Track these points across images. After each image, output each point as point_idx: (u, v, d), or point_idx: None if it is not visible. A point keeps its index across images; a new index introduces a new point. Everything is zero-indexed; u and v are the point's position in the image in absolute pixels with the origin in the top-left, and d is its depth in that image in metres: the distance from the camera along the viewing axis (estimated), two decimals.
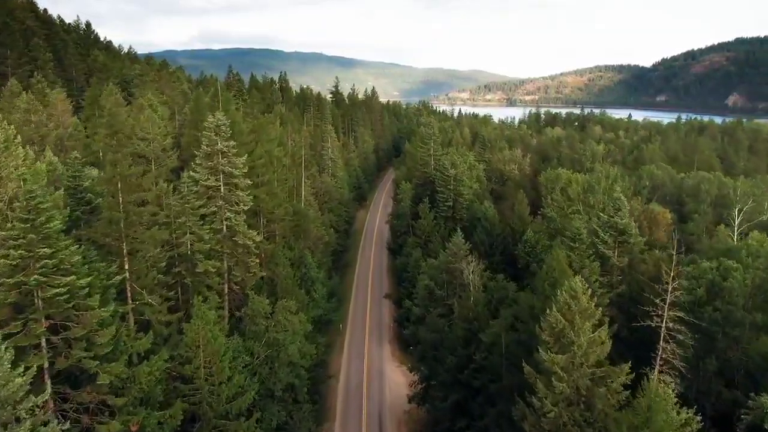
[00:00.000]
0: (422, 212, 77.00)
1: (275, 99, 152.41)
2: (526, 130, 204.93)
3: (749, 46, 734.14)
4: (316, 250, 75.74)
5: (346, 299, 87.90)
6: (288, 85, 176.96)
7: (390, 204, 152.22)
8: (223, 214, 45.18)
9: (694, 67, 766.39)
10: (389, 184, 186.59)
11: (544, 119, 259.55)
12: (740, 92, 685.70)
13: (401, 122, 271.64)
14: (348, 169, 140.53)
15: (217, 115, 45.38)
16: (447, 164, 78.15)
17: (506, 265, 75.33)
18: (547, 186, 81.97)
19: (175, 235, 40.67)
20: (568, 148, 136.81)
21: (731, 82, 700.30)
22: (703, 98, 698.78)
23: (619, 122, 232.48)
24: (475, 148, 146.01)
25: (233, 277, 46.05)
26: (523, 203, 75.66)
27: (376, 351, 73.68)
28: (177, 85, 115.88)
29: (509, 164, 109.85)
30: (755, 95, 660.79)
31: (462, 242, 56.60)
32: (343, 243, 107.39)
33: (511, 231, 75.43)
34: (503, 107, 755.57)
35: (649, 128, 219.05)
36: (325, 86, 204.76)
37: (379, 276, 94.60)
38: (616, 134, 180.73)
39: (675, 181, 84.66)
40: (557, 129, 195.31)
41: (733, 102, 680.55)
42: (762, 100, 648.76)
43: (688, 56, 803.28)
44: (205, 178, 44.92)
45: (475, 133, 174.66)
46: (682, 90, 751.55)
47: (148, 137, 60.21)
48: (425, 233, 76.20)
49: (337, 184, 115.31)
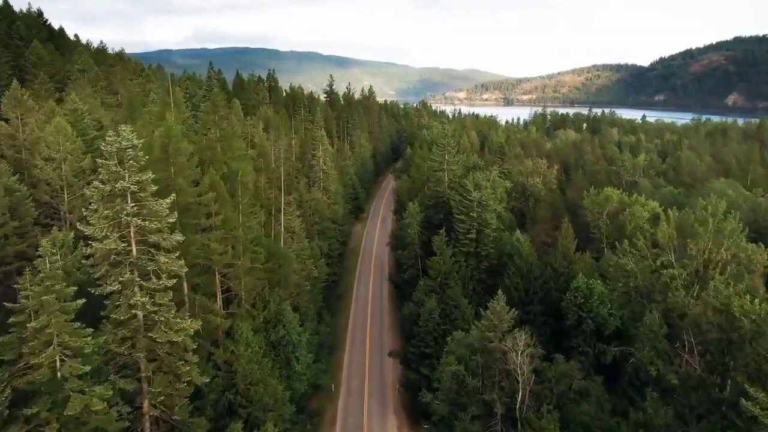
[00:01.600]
0: (437, 246, 58.68)
1: (262, 99, 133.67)
2: (535, 133, 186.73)
3: (748, 45, 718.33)
4: (300, 299, 57.67)
5: (339, 347, 69.49)
6: (277, 84, 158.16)
7: (390, 217, 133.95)
8: (132, 295, 26.83)
9: (693, 67, 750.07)
10: (388, 192, 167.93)
11: (550, 120, 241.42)
12: (739, 91, 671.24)
13: (399, 123, 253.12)
14: (343, 178, 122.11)
15: (122, 130, 26.95)
16: (469, 185, 59.62)
17: (547, 316, 57.20)
18: (594, 211, 63.85)
19: (29, 347, 22.34)
20: (591, 155, 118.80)
21: (730, 82, 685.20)
22: (702, 97, 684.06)
23: (635, 124, 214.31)
24: (485, 155, 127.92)
25: (152, 396, 27.70)
26: (568, 235, 57.48)
27: (378, 424, 55.91)
28: (142, 83, 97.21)
29: (532, 177, 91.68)
30: (754, 94, 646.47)
31: (505, 309, 38.54)
32: (336, 270, 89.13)
33: (553, 272, 57.35)
34: (500, 107, 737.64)
35: (670, 130, 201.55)
36: (320, 86, 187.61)
37: (379, 318, 76.09)
38: (636, 138, 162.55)
39: (750, 202, 66.45)
40: (570, 132, 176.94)
41: (733, 101, 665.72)
42: (761, 100, 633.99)
43: (687, 55, 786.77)
44: (100, 236, 26.54)
45: (482, 137, 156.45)
46: (681, 89, 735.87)
47: (56, 156, 41.69)
48: (441, 274, 57.95)
49: (330, 199, 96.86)
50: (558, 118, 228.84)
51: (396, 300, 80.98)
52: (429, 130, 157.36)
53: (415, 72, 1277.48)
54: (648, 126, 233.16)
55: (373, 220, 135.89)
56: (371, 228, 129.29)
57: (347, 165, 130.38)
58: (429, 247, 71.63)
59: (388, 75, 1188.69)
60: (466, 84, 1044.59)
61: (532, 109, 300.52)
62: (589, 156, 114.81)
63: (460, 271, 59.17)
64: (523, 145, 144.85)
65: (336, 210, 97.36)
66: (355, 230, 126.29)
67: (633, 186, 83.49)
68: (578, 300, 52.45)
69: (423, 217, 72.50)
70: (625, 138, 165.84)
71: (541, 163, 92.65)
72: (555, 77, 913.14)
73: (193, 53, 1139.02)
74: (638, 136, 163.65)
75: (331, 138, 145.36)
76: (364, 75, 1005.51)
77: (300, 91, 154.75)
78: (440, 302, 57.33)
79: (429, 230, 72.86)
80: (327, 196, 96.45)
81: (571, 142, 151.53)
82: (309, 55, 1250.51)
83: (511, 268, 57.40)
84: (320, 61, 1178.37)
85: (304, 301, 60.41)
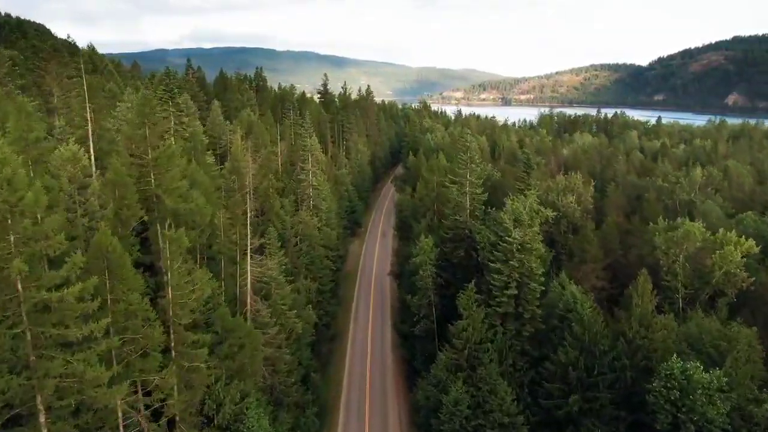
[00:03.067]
0: (464, 306, 41.95)
1: (247, 100, 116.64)
2: (545, 136, 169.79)
3: (747, 44, 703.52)
4: (275, 378, 41.02)
5: (330, 419, 52.71)
6: (266, 83, 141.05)
7: (390, 232, 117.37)
8: None
9: (692, 66, 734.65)
10: (388, 200, 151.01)
11: (557, 121, 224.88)
12: (740, 91, 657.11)
13: (399, 124, 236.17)
14: (338, 190, 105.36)
15: None
16: (506, 221, 42.67)
17: (621, 408, 40.58)
18: (668, 252, 47.22)
19: None
20: (624, 165, 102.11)
21: (730, 81, 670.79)
22: (702, 97, 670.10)
23: (650, 126, 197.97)
24: (498, 164, 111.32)
25: None
26: (646, 293, 40.83)
27: None
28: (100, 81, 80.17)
29: (565, 195, 75.00)
30: (755, 94, 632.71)
31: None
32: (328, 307, 72.53)
33: (627, 345, 40.78)
34: (498, 107, 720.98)
35: (689, 132, 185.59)
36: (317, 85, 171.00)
37: (380, 384, 59.14)
38: (660, 142, 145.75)
39: None
40: (586, 135, 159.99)
41: (733, 101, 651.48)
42: (762, 100, 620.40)
43: (686, 55, 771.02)
44: None
45: (492, 142, 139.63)
46: (681, 89, 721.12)
47: None
48: (470, 344, 41.29)
49: (322, 221, 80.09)
50: (566, 120, 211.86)
51: (401, 352, 64.22)
52: (432, 134, 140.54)
53: (412, 72, 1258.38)
54: (667, 128, 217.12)
55: (372, 236, 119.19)
56: (370, 245, 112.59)
57: (342, 175, 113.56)
58: (446, 292, 54.94)
59: (385, 75, 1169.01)
60: (463, 84, 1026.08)
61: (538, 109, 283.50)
62: (621, 166, 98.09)
63: (496, 340, 42.43)
64: (538, 151, 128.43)
65: (328, 233, 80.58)
66: (352, 249, 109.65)
67: (689, 205, 66.95)
68: (671, 394, 35.94)
69: (438, 253, 55.70)
70: (648, 143, 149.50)
71: (576, 179, 75.84)
72: (553, 77, 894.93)
73: (189, 53, 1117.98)
74: (662, 140, 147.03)
75: (325, 144, 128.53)
76: (361, 75, 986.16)
77: (290, 91, 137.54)
78: (469, 384, 40.68)
79: (447, 270, 56.12)
80: (318, 217, 79.64)
81: (589, 147, 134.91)
82: (306, 55, 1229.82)
83: (566, 338, 40.87)
84: (317, 61, 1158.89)
85: (281, 376, 43.68)
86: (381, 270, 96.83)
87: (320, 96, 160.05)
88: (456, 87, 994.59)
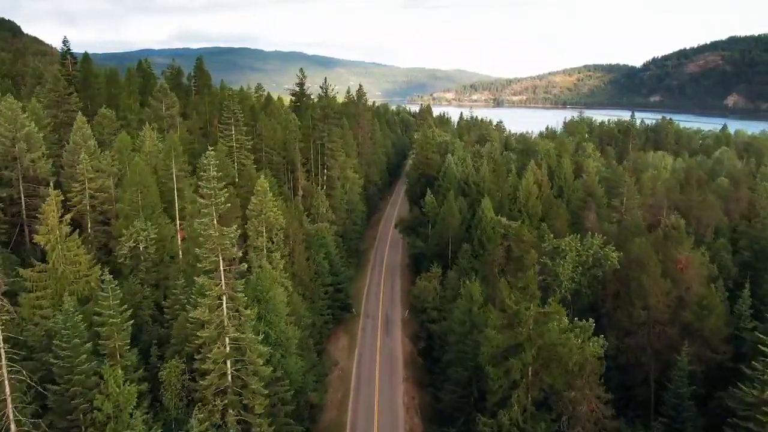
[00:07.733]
0: None
1: (165, 109, 69.63)
2: (593, 152, 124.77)
3: (744, 44, 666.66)
4: None
5: None
6: (209, 81, 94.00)
7: (399, 309, 72.27)
8: None
9: (688, 67, 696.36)
10: (388, 249, 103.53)
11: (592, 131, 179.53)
12: (740, 92, 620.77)
13: (396, 133, 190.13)
14: (307, 271, 59.55)
15: None
16: None
17: None
18: None
19: None
20: None
21: (729, 82, 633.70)
22: (700, 98, 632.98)
23: (714, 134, 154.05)
24: (589, 218, 66.05)
25: None
26: None
27: None
28: None
29: None
30: (755, 95, 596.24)
31: None
32: None
33: None
34: (490, 108, 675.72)
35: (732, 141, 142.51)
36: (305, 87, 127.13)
37: None
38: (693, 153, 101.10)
39: None
40: (666, 157, 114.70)
41: (733, 102, 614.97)
42: (763, 101, 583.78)
43: (681, 55, 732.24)
44: None
45: (549, 170, 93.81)
46: (677, 90, 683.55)
47: None
48: None
49: (271, 344, 34.11)
50: (605, 129, 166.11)
51: None
52: (454, 155, 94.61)
53: (402, 72, 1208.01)
54: (697, 135, 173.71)
55: (369, 333, 71.15)
56: (367, 368, 64.84)
57: (321, 229, 67.20)
58: None
59: (374, 75, 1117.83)
60: (452, 84, 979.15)
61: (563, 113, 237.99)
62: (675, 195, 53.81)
63: None
64: (608, 183, 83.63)
65: (285, 363, 34.51)
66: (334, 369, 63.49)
67: None
68: None
69: None
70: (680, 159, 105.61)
71: None
72: (546, 77, 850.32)
73: (175, 53, 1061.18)
74: (695, 151, 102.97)
75: (295, 172, 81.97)
76: (349, 75, 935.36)
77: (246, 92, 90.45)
78: None
79: None
80: (262, 344, 33.54)
81: (683, 175, 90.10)
82: (293, 55, 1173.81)
83: None
84: (304, 61, 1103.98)
85: None
86: None
87: (294, 99, 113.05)
88: (446, 88, 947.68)
